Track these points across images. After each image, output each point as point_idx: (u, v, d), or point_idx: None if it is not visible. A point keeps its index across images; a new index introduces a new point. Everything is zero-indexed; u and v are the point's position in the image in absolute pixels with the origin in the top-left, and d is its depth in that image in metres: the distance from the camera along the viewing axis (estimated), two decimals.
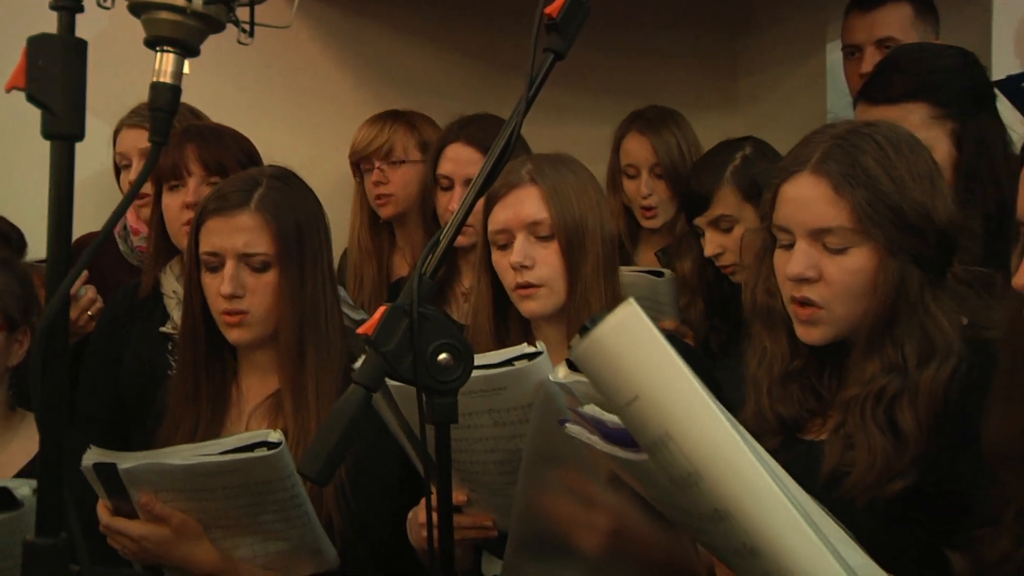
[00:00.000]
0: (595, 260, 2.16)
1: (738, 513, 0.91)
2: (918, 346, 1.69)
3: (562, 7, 1.34)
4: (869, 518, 1.62)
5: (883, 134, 1.75)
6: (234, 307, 2.15)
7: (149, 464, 1.89)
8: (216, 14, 1.26)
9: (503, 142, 1.33)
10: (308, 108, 3.75)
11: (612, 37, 3.80)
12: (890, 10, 3.10)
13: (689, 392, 0.92)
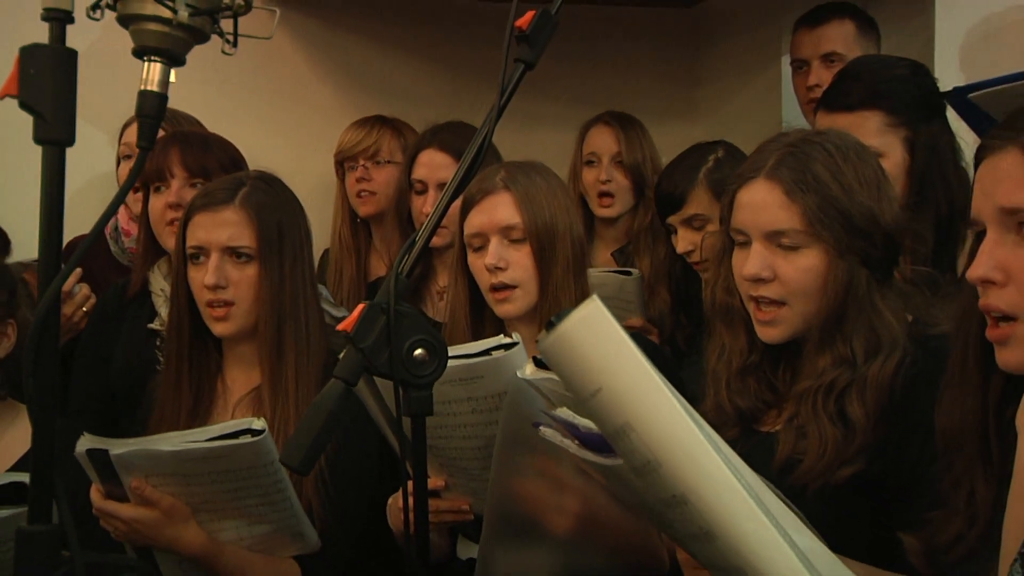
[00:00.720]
0: (565, 262, 2.17)
1: (695, 499, 0.91)
2: (866, 341, 1.70)
3: (532, 20, 1.35)
4: (820, 504, 1.62)
5: (833, 142, 1.77)
6: (218, 297, 2.14)
7: (139, 450, 1.88)
8: (201, 25, 1.26)
9: (475, 148, 1.33)
10: (291, 114, 3.74)
11: (580, 49, 3.80)
12: (834, 26, 3.12)
13: (649, 385, 0.92)
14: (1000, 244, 1.26)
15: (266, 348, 2.17)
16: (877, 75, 2.53)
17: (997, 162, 1.28)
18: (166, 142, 2.65)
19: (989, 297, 1.27)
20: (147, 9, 1.24)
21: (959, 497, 1.36)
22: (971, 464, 1.35)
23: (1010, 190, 1.25)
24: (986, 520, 1.32)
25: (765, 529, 0.88)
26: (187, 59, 1.38)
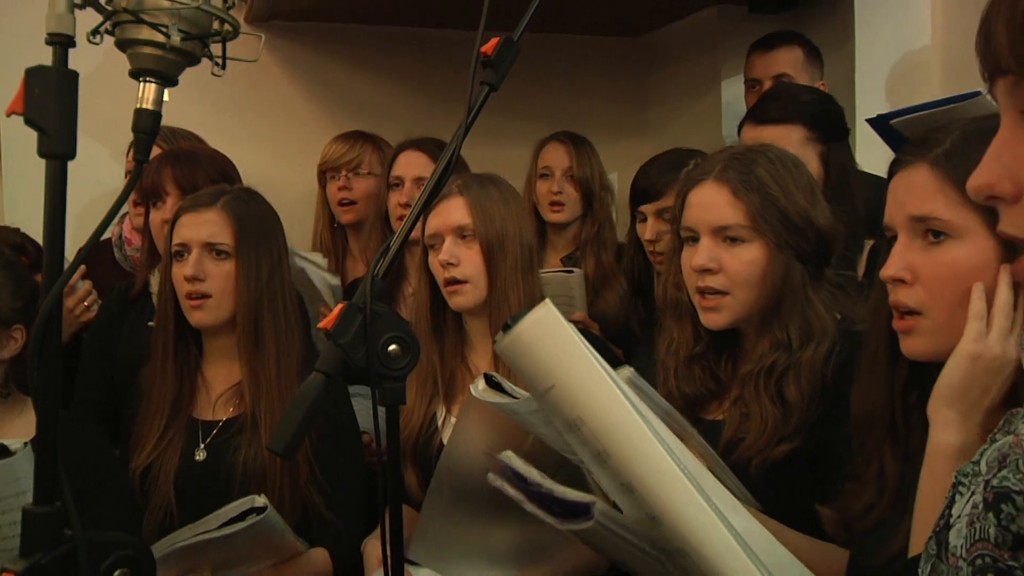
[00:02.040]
0: (513, 261, 2.18)
1: (640, 486, 0.90)
2: (800, 328, 1.73)
3: (496, 47, 1.34)
4: (762, 478, 1.67)
5: (773, 152, 1.82)
6: (196, 289, 2.15)
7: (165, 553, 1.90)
8: (192, 49, 1.25)
9: (445, 161, 1.32)
10: (278, 130, 3.74)
11: (540, 74, 3.82)
12: (785, 52, 3.18)
13: (598, 381, 0.92)
14: (910, 248, 1.29)
15: (244, 340, 2.17)
16: (797, 96, 2.62)
17: (909, 176, 1.31)
18: (160, 162, 2.67)
19: (898, 294, 1.30)
20: (142, 34, 1.23)
21: (870, 471, 1.38)
22: (880, 442, 1.38)
23: (920, 200, 1.28)
24: (894, 491, 1.35)
25: (704, 512, 0.88)
26: (186, 81, 1.39)
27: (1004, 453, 0.80)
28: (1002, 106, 0.79)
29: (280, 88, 3.78)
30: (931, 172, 1.28)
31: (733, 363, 1.82)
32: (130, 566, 1.22)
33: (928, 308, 1.27)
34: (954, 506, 0.84)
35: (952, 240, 1.26)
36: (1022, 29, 0.75)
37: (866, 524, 1.37)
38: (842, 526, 1.44)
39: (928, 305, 1.27)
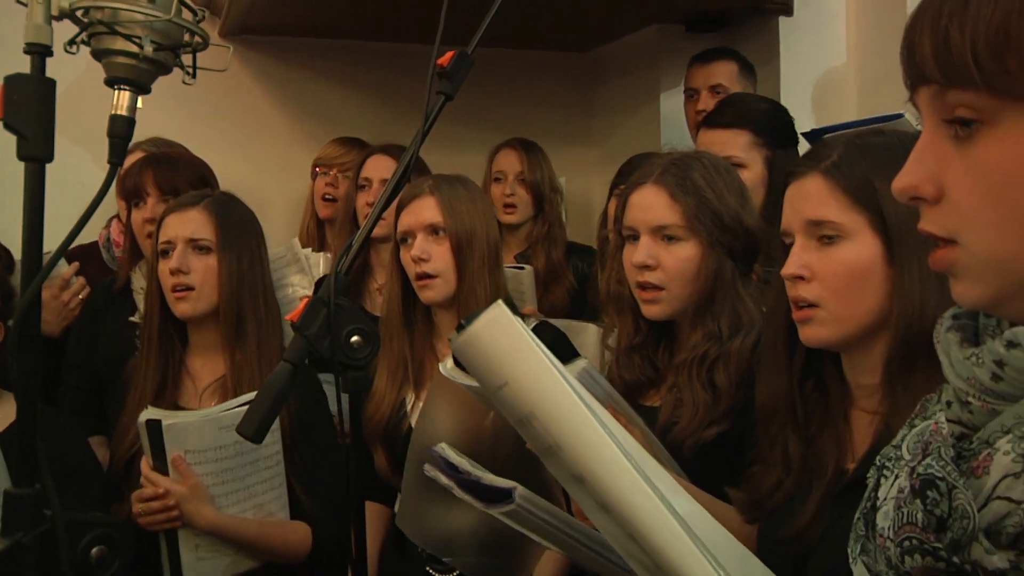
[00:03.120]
0: (480, 257, 2.16)
1: (590, 477, 0.89)
2: (730, 320, 1.74)
3: (451, 59, 1.33)
4: (694, 459, 1.67)
5: (707, 159, 1.82)
6: (180, 282, 2.13)
7: (186, 422, 1.97)
8: (164, 59, 1.23)
9: (403, 165, 1.32)
10: (250, 137, 3.69)
11: (494, 85, 3.80)
12: (721, 64, 3.18)
13: (548, 378, 0.91)
14: (806, 249, 1.32)
15: (228, 331, 2.15)
16: (748, 105, 2.65)
17: (803, 185, 1.34)
18: (141, 165, 2.66)
19: (797, 290, 1.32)
20: (117, 45, 1.21)
21: (775, 454, 1.39)
22: (783, 425, 1.39)
23: (814, 206, 1.31)
24: (798, 470, 1.36)
25: (650, 500, 0.87)
26: (165, 91, 1.37)
27: (926, 440, 0.80)
28: (924, 114, 0.78)
29: (253, 98, 3.73)
30: (822, 181, 1.31)
31: (669, 352, 1.82)
32: (107, 543, 1.20)
33: (824, 301, 1.29)
34: (879, 489, 0.84)
35: (843, 240, 1.29)
36: (945, 41, 0.74)
37: (774, 502, 1.38)
38: (751, 506, 1.44)
39: (824, 298, 1.29)
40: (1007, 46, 0.71)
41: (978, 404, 0.77)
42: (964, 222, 0.76)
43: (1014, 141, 0.73)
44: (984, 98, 0.73)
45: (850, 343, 1.32)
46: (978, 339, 0.82)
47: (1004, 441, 0.73)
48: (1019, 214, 0.73)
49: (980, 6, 0.72)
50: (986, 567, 0.72)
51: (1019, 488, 0.71)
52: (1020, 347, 0.74)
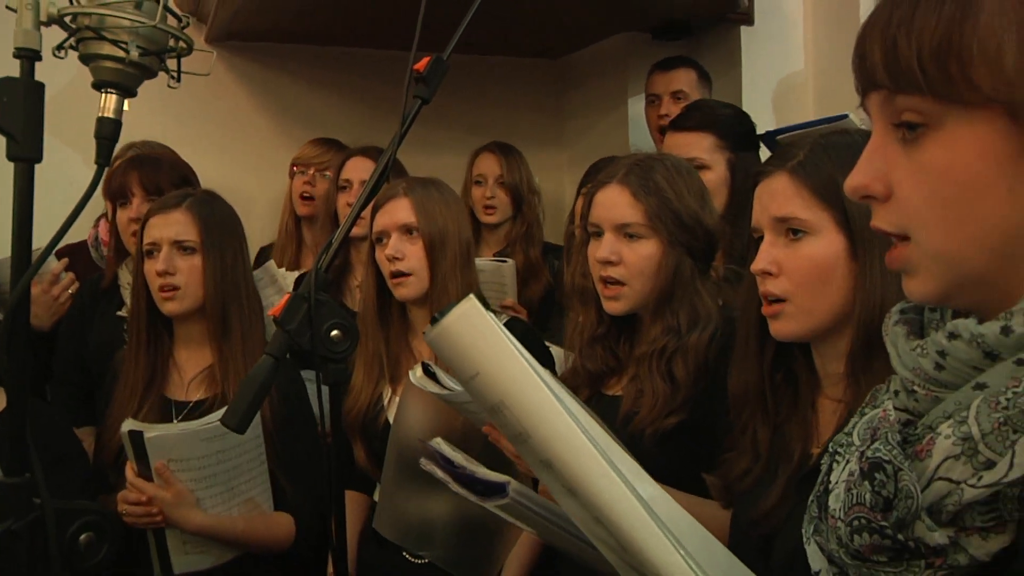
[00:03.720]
0: (453, 256, 2.16)
1: (558, 462, 0.89)
2: (688, 315, 1.74)
3: (427, 65, 1.32)
4: (655, 446, 1.67)
5: (670, 161, 1.82)
6: (167, 282, 2.12)
7: (167, 434, 1.95)
8: (149, 63, 1.22)
9: (381, 166, 1.31)
10: (234, 139, 3.66)
11: (470, 90, 3.80)
12: (682, 72, 3.21)
13: (518, 369, 0.91)
14: (774, 245, 1.31)
15: (214, 327, 2.14)
16: (713, 110, 2.67)
17: (770, 183, 1.33)
18: (126, 166, 2.66)
19: (766, 285, 1.31)
20: (104, 50, 1.20)
21: (746, 440, 1.40)
22: (753, 414, 1.39)
23: (781, 204, 1.31)
24: (766, 457, 1.36)
25: (615, 485, 0.88)
26: (152, 95, 1.36)
27: (875, 426, 0.80)
28: (874, 117, 0.79)
29: (237, 101, 3.71)
30: (789, 179, 1.30)
31: (630, 344, 1.82)
32: (95, 530, 1.19)
33: (792, 295, 1.29)
34: (832, 473, 0.84)
35: (809, 237, 1.29)
36: (893, 47, 0.75)
37: (744, 486, 1.38)
38: (724, 490, 1.44)
39: (792, 293, 1.29)
40: (949, 55, 0.72)
41: (923, 392, 0.78)
42: (912, 220, 0.77)
43: (956, 144, 0.74)
44: (929, 103, 0.74)
45: (817, 335, 1.31)
46: (923, 332, 0.83)
47: (945, 426, 0.74)
48: (961, 212, 0.74)
49: (925, 17, 0.73)
50: (928, 543, 0.73)
51: (958, 469, 0.72)
52: (960, 338, 0.74)
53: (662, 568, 0.85)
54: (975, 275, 0.75)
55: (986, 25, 0.71)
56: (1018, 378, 0.70)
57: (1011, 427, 0.70)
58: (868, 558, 0.77)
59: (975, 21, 0.71)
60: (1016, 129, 0.71)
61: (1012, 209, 0.72)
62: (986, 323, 0.73)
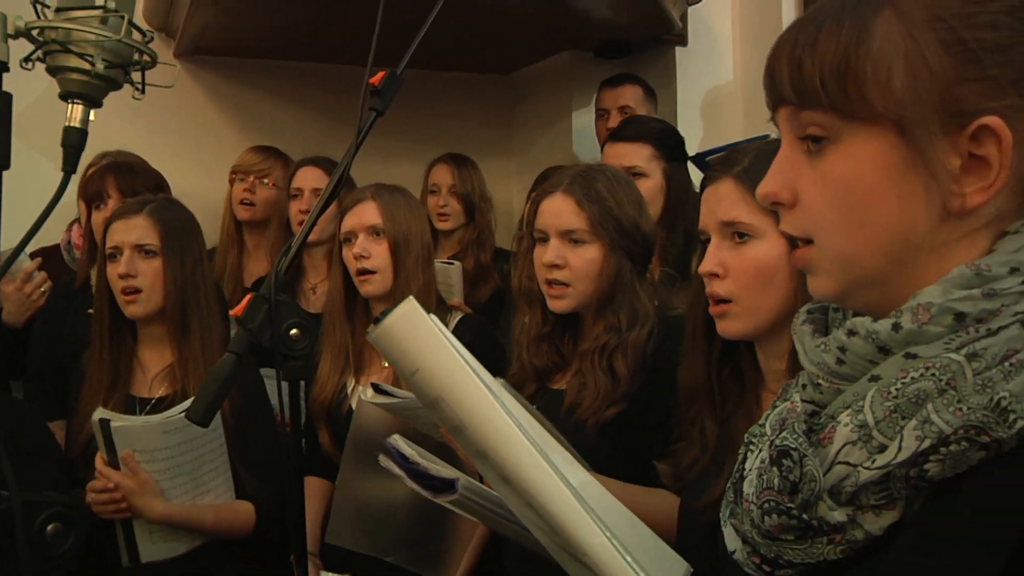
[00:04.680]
0: (415, 256, 2.18)
1: (492, 452, 0.90)
2: (628, 314, 1.75)
3: (382, 79, 1.32)
4: (597, 435, 1.68)
5: (610, 171, 1.83)
6: (129, 285, 2.08)
7: (132, 425, 1.93)
8: (115, 76, 1.20)
9: (337, 175, 1.30)
10: (201, 147, 3.61)
11: (424, 103, 3.79)
12: (629, 88, 3.23)
13: (454, 365, 0.91)
14: (721, 248, 1.31)
15: (174, 327, 2.11)
16: (648, 123, 2.72)
17: (717, 188, 1.33)
18: (104, 170, 2.64)
19: (713, 286, 1.31)
20: (70, 62, 1.18)
21: (695, 432, 1.39)
22: (702, 408, 1.39)
23: (727, 208, 1.30)
24: (713, 447, 1.36)
25: (545, 472, 0.88)
26: (124, 106, 1.33)
27: (783, 418, 0.81)
28: (783, 130, 0.81)
29: (204, 112, 3.66)
30: (734, 185, 1.30)
31: (574, 342, 1.83)
32: (62, 520, 1.17)
33: (737, 296, 1.28)
34: (747, 461, 0.85)
35: (754, 240, 1.28)
36: (799, 68, 0.76)
37: (692, 475, 1.38)
38: (674, 478, 1.44)
39: (737, 294, 1.28)
40: (847, 75, 0.74)
41: (826, 385, 0.79)
42: (815, 225, 0.78)
43: (854, 156, 0.75)
44: (830, 118, 0.75)
45: (762, 334, 1.30)
46: (828, 330, 0.84)
47: (845, 415, 0.75)
48: (858, 218, 0.75)
49: (826, 41, 0.75)
50: (829, 521, 0.74)
51: (855, 453, 0.74)
52: (858, 335, 0.76)
53: (588, 548, 0.85)
54: (870, 276, 0.77)
55: (878, 51, 0.73)
56: (906, 370, 0.72)
57: (900, 414, 0.71)
58: (777, 537, 0.78)
59: (868, 47, 0.73)
60: (905, 144, 0.73)
61: (902, 216, 0.74)
62: (879, 320, 0.75)
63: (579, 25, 3.31)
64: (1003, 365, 0.69)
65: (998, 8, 0.73)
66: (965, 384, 0.69)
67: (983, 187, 0.73)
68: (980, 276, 0.72)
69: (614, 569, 0.85)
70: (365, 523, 1.98)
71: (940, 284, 0.73)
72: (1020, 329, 0.70)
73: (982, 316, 0.71)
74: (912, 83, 0.72)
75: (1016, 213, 0.75)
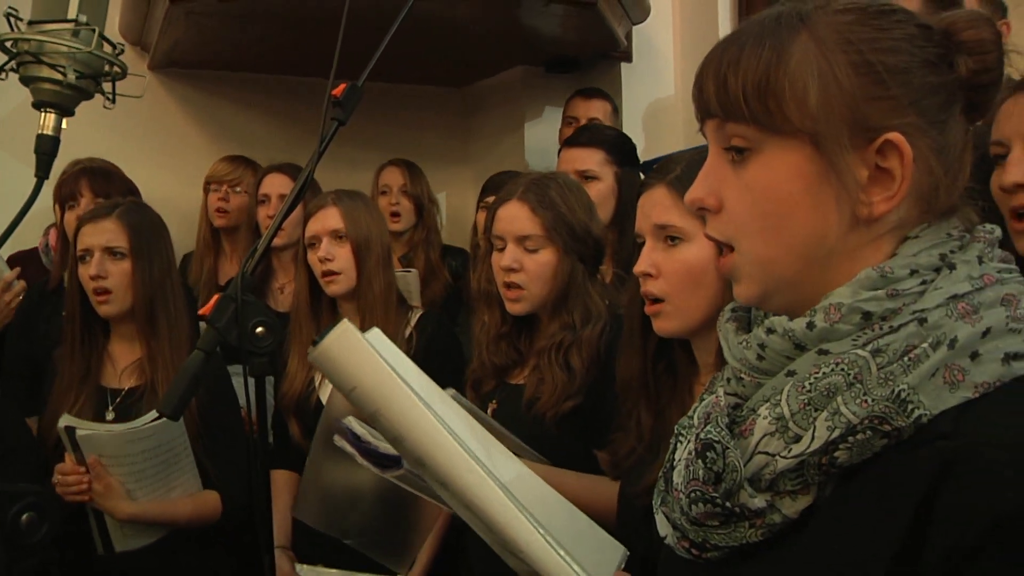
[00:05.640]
0: (376, 258, 2.18)
1: (428, 460, 0.90)
2: (581, 313, 1.75)
3: (344, 91, 1.31)
4: (555, 427, 1.69)
5: (562, 179, 1.84)
6: (100, 286, 2.06)
7: (97, 433, 1.90)
8: (86, 86, 1.18)
9: (301, 181, 1.29)
10: (173, 155, 3.56)
11: (384, 114, 3.76)
12: (599, 103, 3.22)
13: (388, 382, 0.91)
14: (654, 250, 1.31)
15: (142, 325, 2.08)
16: (601, 130, 2.73)
17: (651, 194, 1.33)
18: (78, 173, 2.61)
19: (647, 285, 1.31)
20: (43, 72, 1.16)
21: (631, 423, 1.40)
22: (638, 400, 1.40)
23: (660, 213, 1.30)
24: (648, 437, 1.37)
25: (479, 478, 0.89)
26: (100, 116, 1.31)
27: (708, 411, 0.82)
28: (709, 141, 0.82)
29: (176, 122, 3.61)
30: (667, 191, 1.30)
31: (531, 340, 1.83)
32: (35, 510, 1.14)
33: (669, 296, 1.28)
34: (676, 452, 0.86)
35: (684, 243, 1.28)
36: (724, 84, 0.77)
37: (629, 463, 1.39)
38: (613, 466, 1.45)
39: (669, 293, 1.28)
40: (767, 91, 0.75)
41: (748, 379, 0.80)
42: (738, 230, 0.79)
43: (773, 166, 0.77)
44: (752, 131, 0.77)
45: (693, 331, 1.30)
46: (751, 328, 0.85)
47: (764, 408, 0.76)
48: (776, 223, 0.77)
49: (749, 59, 0.76)
50: (750, 508, 0.76)
51: (773, 444, 0.75)
52: (776, 333, 0.77)
53: (524, 546, 0.86)
54: (787, 278, 0.78)
55: (795, 70, 0.75)
56: (819, 365, 0.74)
57: (813, 407, 0.73)
58: (704, 523, 0.80)
59: (787, 66, 0.75)
60: (819, 156, 0.75)
61: (815, 222, 0.76)
62: (796, 319, 0.76)
63: (530, 42, 3.32)
64: (903, 360, 0.71)
65: (899, 35, 0.75)
66: (870, 378, 0.71)
67: (888, 197, 0.75)
68: (884, 278, 0.74)
69: (547, 564, 0.86)
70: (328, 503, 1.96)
71: (849, 285, 0.75)
72: (918, 326, 0.72)
73: (886, 314, 0.73)
74: (825, 100, 0.74)
75: (916, 220, 0.77)
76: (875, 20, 0.76)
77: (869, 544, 0.70)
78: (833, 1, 0.78)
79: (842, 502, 0.73)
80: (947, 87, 0.76)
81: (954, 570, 0.65)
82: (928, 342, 0.71)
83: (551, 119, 3.60)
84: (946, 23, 0.77)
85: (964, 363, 0.70)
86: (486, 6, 2.73)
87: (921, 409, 0.69)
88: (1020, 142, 1.34)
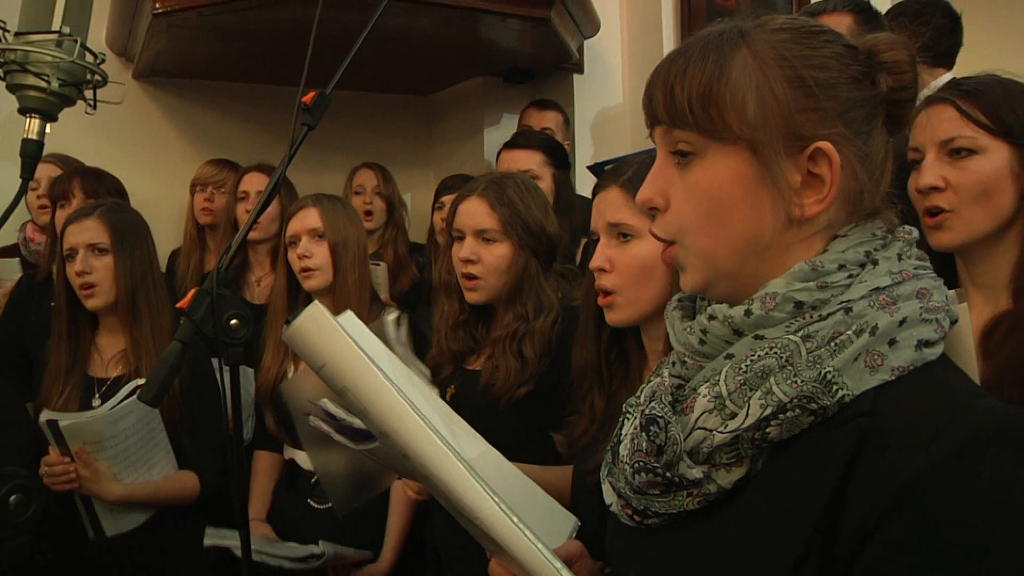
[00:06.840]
0: (352, 256, 2.16)
1: (392, 432, 0.90)
2: (535, 305, 1.74)
3: (313, 98, 1.29)
4: (509, 412, 1.68)
5: (519, 179, 1.83)
6: (85, 281, 2.04)
7: (79, 422, 1.87)
8: (69, 93, 1.15)
9: (273, 182, 1.27)
10: (156, 159, 3.49)
11: (352, 120, 3.74)
12: (552, 114, 3.22)
13: (355, 358, 0.91)
14: (608, 246, 1.31)
15: (125, 316, 2.06)
16: (538, 135, 2.75)
17: (605, 195, 1.33)
18: (71, 174, 2.58)
19: (601, 279, 1.31)
20: (28, 80, 1.13)
21: (585, 406, 1.40)
22: (591, 385, 1.39)
23: (613, 212, 1.30)
24: (600, 419, 1.37)
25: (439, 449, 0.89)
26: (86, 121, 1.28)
27: (654, 391, 0.83)
28: (658, 145, 0.83)
29: (160, 127, 3.54)
30: (620, 192, 1.30)
31: (487, 328, 1.82)
32: (23, 492, 1.12)
33: (621, 289, 1.28)
34: (623, 428, 0.87)
35: (636, 240, 1.28)
36: (671, 93, 0.78)
37: (583, 443, 1.39)
38: (568, 446, 1.44)
39: (620, 286, 1.28)
40: (710, 101, 0.76)
41: (691, 362, 0.81)
42: (683, 227, 0.80)
43: (715, 169, 0.77)
44: (697, 137, 0.77)
45: (644, 321, 1.30)
46: (695, 316, 0.86)
47: (704, 387, 0.78)
48: (718, 221, 0.78)
49: (694, 71, 0.77)
50: (688, 478, 0.77)
51: (711, 420, 0.76)
52: (716, 319, 0.78)
53: (478, 511, 0.86)
54: (727, 270, 0.79)
55: (735, 82, 0.76)
56: (755, 349, 0.75)
57: (748, 387, 0.74)
58: (646, 492, 0.80)
59: (728, 78, 0.76)
60: (756, 161, 0.76)
61: (753, 221, 0.77)
62: (735, 307, 0.78)
63: (489, 53, 3.31)
64: (830, 345, 0.72)
65: (829, 53, 0.77)
66: (800, 361, 0.72)
67: (819, 199, 0.76)
68: (815, 271, 0.75)
69: (501, 529, 0.86)
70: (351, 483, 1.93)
71: (784, 277, 0.76)
72: (844, 315, 0.73)
73: (816, 304, 0.75)
74: (762, 110, 0.75)
75: (844, 221, 0.79)
76: (807, 39, 0.77)
77: (794, 512, 0.71)
78: (770, 20, 0.79)
79: (772, 474, 0.74)
80: (870, 101, 0.77)
81: (868, 536, 0.66)
82: (852, 329, 0.72)
83: (508, 126, 3.59)
84: (869, 44, 0.79)
85: (883, 349, 0.72)
86: (448, 20, 2.72)
87: (845, 390, 0.71)
88: (933, 149, 1.37)
